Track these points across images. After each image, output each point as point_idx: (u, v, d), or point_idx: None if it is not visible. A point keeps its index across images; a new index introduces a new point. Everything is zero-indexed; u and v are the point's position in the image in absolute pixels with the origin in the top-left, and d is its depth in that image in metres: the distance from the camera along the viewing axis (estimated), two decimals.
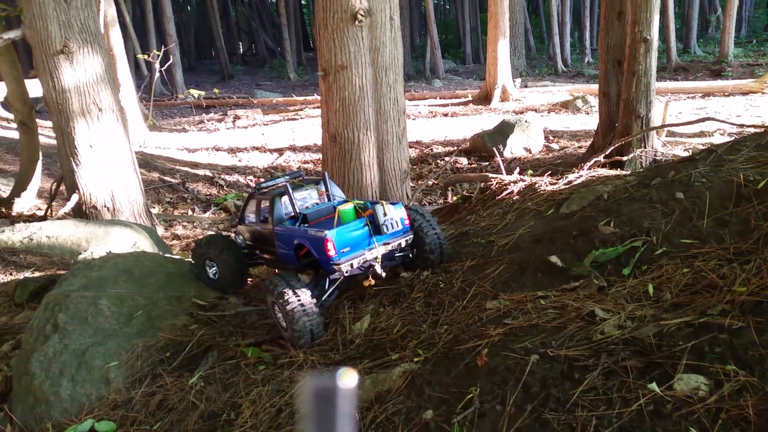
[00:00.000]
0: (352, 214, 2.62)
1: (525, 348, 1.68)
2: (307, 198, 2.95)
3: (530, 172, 3.39)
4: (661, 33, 25.47)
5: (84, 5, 5.21)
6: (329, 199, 2.91)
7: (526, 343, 1.72)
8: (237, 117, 16.53)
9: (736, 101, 14.41)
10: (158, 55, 11.15)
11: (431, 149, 10.55)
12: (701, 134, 10.42)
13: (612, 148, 3.52)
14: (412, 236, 2.60)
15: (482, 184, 3.28)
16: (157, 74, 11.11)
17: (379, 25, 3.74)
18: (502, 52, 14.57)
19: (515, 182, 3.02)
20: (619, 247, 2.04)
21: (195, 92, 11.96)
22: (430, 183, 6.60)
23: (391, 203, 2.66)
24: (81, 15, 5.16)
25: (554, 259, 2.14)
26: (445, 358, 1.82)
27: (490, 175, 3.31)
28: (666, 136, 9.46)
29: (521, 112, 14.02)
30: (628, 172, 2.58)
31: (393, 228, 2.54)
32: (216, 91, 15.69)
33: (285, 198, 2.93)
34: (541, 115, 13.49)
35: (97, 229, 4.08)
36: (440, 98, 17.15)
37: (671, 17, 20.61)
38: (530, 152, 9.51)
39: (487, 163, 9.41)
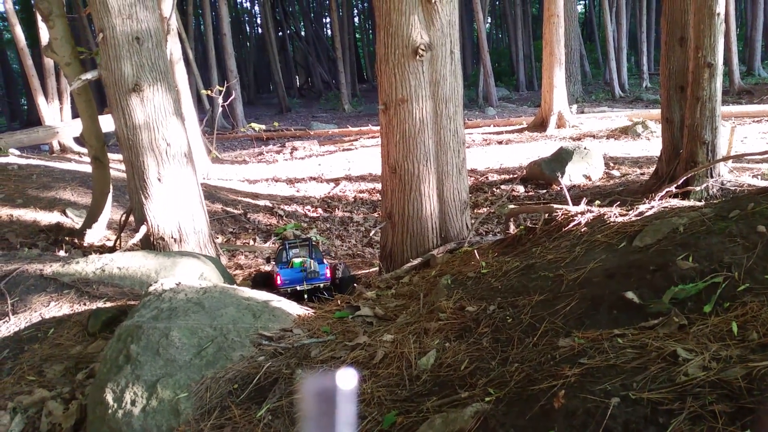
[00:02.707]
0: (299, 264, 4.26)
1: (604, 390, 1.62)
2: (299, 253, 4.50)
3: (597, 202, 3.31)
4: (723, 55, 24.80)
5: (155, 46, 5.47)
6: (310, 256, 4.40)
7: (605, 384, 1.66)
8: (294, 148, 16.91)
9: None
10: (221, 91, 11.56)
11: (486, 177, 10.49)
12: None
13: (684, 178, 3.41)
14: (329, 283, 4.22)
15: (546, 215, 3.22)
16: (219, 109, 11.48)
17: (440, 59, 3.77)
18: (557, 78, 14.43)
19: (582, 213, 2.95)
20: (699, 283, 1.96)
21: (255, 126, 12.33)
22: (486, 211, 6.55)
23: (320, 262, 4.33)
24: (152, 55, 5.42)
25: (630, 295, 2.07)
26: (518, 399, 1.76)
27: (555, 206, 3.24)
28: (732, 162, 9.11)
29: (578, 139, 13.80)
30: (702, 204, 2.48)
31: (314, 276, 4.20)
32: (276, 124, 16.15)
33: (283, 252, 4.50)
34: (599, 142, 13.23)
35: (166, 261, 4.21)
36: (494, 126, 17.08)
37: (733, 39, 20.02)
38: (590, 179, 9.32)
39: (545, 190, 9.27)
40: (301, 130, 19.93)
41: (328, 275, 4.21)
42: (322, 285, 4.18)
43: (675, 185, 3.10)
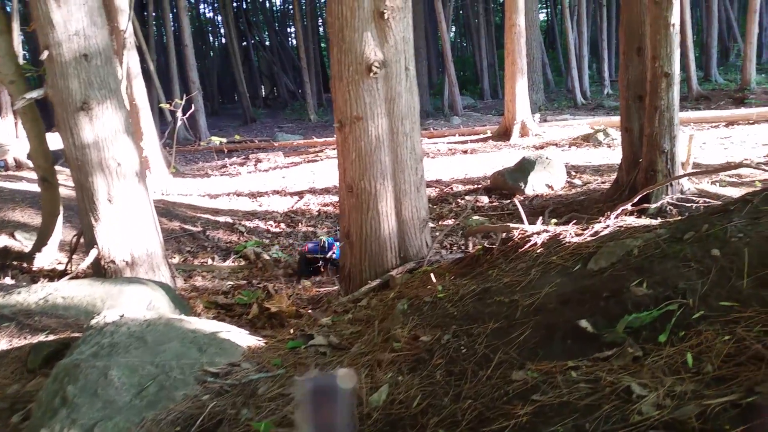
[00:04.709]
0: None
1: None
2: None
3: (554, 221, 3.27)
4: (681, 62, 25.41)
5: (104, 63, 5.28)
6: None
7: (558, 426, 1.58)
8: (258, 160, 16.70)
9: (762, 129, 14.14)
10: (180, 104, 11.32)
11: (451, 188, 10.46)
12: (728, 165, 10.19)
13: (639, 196, 3.38)
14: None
15: (504, 234, 3.16)
16: (180, 122, 11.24)
17: (395, 76, 3.69)
18: (520, 88, 14.55)
19: (538, 233, 2.89)
20: (654, 311, 1.90)
21: (217, 139, 12.11)
22: (450, 226, 6.52)
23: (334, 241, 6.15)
24: (101, 72, 5.23)
25: (584, 323, 2.00)
26: None
27: (512, 225, 3.18)
28: (693, 168, 9.26)
29: (541, 147, 13.90)
30: (657, 223, 2.44)
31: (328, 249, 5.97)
32: (237, 136, 15.89)
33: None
34: (561, 150, 13.35)
35: (113, 289, 4.03)
36: (459, 135, 17.14)
37: (690, 47, 20.50)
38: (552, 188, 9.36)
39: (509, 201, 9.28)
40: (265, 141, 19.72)
41: (334, 249, 6.05)
42: (333, 256, 6.02)
43: (631, 203, 3.06)
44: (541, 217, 3.31)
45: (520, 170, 9.48)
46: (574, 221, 3.25)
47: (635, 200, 3.04)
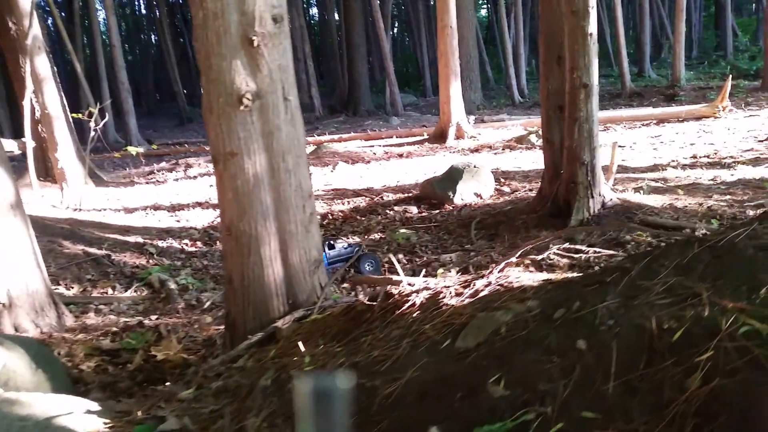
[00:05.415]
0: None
1: None
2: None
3: (441, 271, 3.00)
4: (615, 58, 25.83)
5: None
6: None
7: None
8: (189, 165, 16.07)
9: (690, 127, 14.42)
10: (95, 113, 10.63)
11: (382, 197, 10.18)
12: (654, 168, 10.26)
13: (535, 244, 3.13)
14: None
15: (388, 288, 2.86)
16: (93, 133, 10.55)
17: (272, 108, 3.33)
18: (454, 90, 14.38)
19: (419, 291, 2.60)
20: (508, 422, 1.62)
21: (133, 149, 11.45)
22: (347, 264, 6.25)
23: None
24: None
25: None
26: None
27: (395, 277, 2.89)
28: (618, 172, 9.23)
29: (476, 150, 13.79)
30: (532, 292, 2.17)
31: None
32: (154, 146, 15.15)
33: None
34: (495, 153, 13.26)
35: None
36: (397, 137, 16.89)
37: (623, 43, 20.84)
38: (481, 197, 9.19)
39: (438, 211, 9.05)
40: (196, 145, 19.00)
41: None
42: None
43: (521, 252, 2.80)
44: (423, 270, 3.02)
45: (449, 179, 9.26)
46: (460, 271, 2.97)
47: (525, 250, 2.78)
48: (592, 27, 6.52)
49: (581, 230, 6.40)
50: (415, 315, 2.56)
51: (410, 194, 10.06)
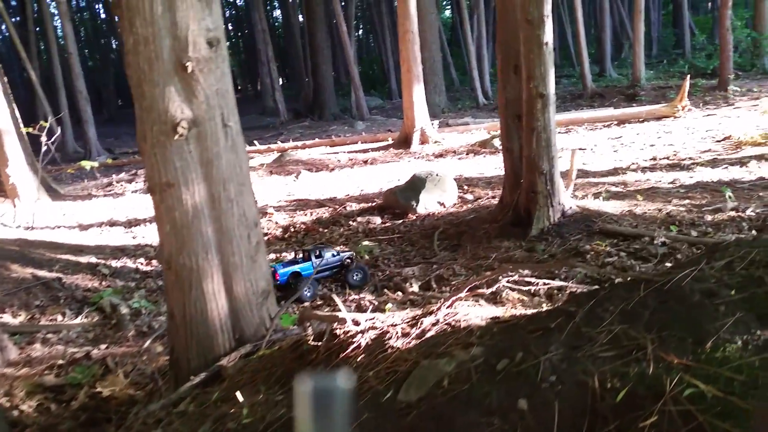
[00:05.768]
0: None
1: None
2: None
3: (389, 306, 2.90)
4: (576, 59, 26.07)
5: None
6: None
7: None
8: None
9: (651, 127, 14.58)
10: (45, 127, 10.25)
11: (345, 207, 10.03)
12: (615, 171, 10.32)
13: (485, 280, 3.01)
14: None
15: (334, 325, 2.73)
16: (44, 147, 10.17)
17: (210, 135, 3.18)
18: (417, 95, 14.31)
19: (364, 332, 2.48)
20: None
21: (87, 163, 11.05)
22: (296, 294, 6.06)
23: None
24: None
25: None
26: None
27: (341, 314, 2.75)
28: (579, 177, 9.24)
29: (441, 155, 13.75)
30: (477, 342, 2.06)
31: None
32: (109, 160, 14.73)
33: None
34: (459, 158, 13.23)
35: None
36: (362, 142, 16.75)
37: (583, 44, 21.05)
38: (444, 206, 9.11)
39: (401, 221, 8.95)
40: None
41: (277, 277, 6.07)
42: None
43: (470, 286, 2.69)
44: (368, 311, 2.89)
45: (412, 188, 9.17)
46: (408, 306, 2.85)
47: (475, 285, 2.67)
48: (548, 36, 6.48)
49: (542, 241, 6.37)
50: (359, 359, 2.43)
51: (374, 203, 9.93)
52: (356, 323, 2.64)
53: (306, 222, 9.37)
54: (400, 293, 6.04)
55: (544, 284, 3.10)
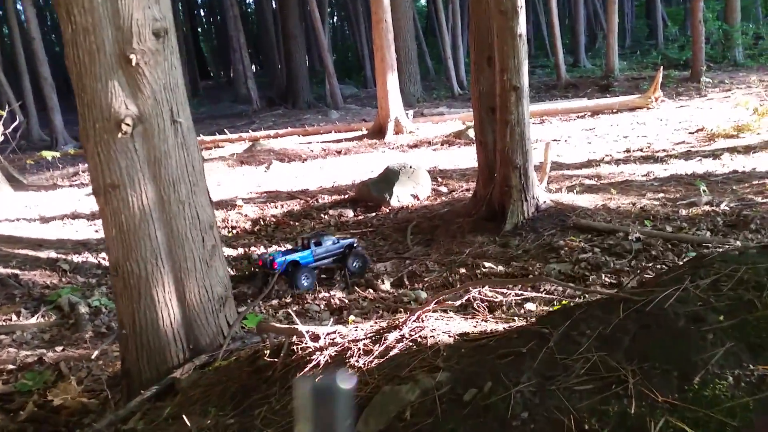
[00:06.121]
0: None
1: None
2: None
3: (352, 318, 2.71)
4: (551, 49, 26.01)
5: None
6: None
7: None
8: None
9: (624, 118, 14.56)
10: (2, 116, 9.80)
11: (317, 199, 9.79)
12: (589, 164, 10.24)
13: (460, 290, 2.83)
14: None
15: (293, 339, 2.53)
16: (0, 137, 9.73)
17: (158, 132, 2.94)
18: (391, 85, 14.07)
19: (323, 348, 2.29)
20: None
21: (48, 153, 10.64)
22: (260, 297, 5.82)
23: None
24: None
25: None
26: None
27: (300, 327, 2.55)
28: (553, 169, 9.13)
29: (415, 146, 13.56)
30: (443, 365, 1.88)
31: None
32: (71, 150, 14.24)
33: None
34: (433, 149, 13.06)
35: None
36: (335, 132, 16.46)
37: (558, 35, 20.98)
38: (418, 199, 8.94)
39: (374, 214, 8.76)
40: None
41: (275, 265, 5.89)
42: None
43: (436, 301, 2.50)
44: (330, 323, 2.70)
45: (385, 181, 8.97)
46: (374, 319, 2.66)
47: (437, 300, 2.48)
48: (522, 28, 6.31)
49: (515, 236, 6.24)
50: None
51: (347, 196, 9.71)
52: (315, 338, 2.44)
53: (276, 215, 9.12)
54: (371, 290, 5.87)
55: (516, 295, 2.94)
